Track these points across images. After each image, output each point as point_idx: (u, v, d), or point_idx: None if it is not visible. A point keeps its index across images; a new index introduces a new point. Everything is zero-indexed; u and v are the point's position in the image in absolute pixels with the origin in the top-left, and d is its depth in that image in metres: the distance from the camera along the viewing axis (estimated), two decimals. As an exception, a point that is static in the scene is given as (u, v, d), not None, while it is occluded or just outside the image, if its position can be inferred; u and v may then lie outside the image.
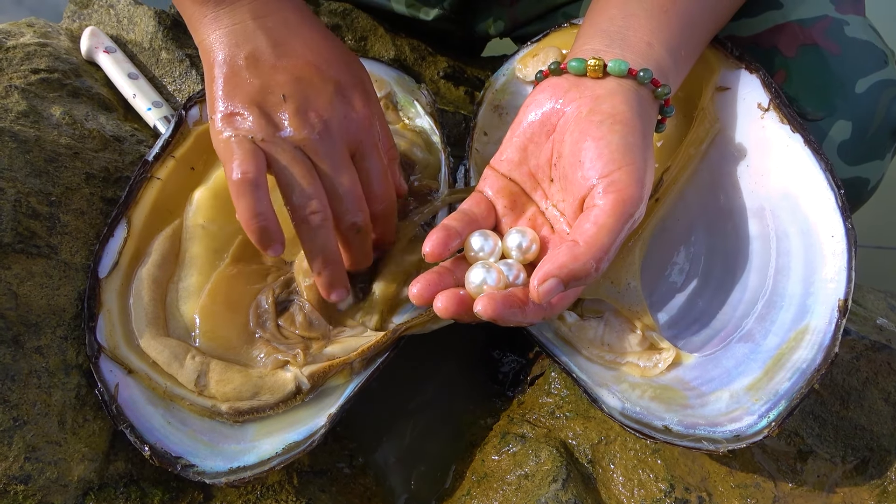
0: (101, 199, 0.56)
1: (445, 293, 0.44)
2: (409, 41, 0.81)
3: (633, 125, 0.44)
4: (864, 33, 0.57)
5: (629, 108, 0.44)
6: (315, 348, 0.52)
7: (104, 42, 0.69)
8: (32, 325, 0.48)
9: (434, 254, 0.45)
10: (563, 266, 0.40)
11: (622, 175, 0.42)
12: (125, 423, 0.47)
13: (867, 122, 0.56)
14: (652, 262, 0.54)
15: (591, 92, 0.45)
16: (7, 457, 0.43)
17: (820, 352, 0.45)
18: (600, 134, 0.43)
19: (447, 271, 0.46)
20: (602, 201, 0.42)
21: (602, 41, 0.47)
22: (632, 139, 0.43)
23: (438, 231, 0.46)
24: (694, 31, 0.50)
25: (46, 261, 0.50)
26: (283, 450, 0.48)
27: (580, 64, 0.46)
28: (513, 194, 0.49)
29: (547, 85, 0.48)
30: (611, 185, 0.42)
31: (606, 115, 0.44)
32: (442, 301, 0.43)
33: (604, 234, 0.41)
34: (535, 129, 0.47)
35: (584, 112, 0.45)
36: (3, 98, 0.57)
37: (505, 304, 0.42)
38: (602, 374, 0.49)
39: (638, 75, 0.45)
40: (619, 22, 0.48)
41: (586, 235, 0.41)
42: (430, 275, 0.45)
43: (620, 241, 0.42)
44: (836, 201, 0.47)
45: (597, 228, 0.41)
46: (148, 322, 0.51)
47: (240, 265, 0.55)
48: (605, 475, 0.51)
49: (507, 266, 0.46)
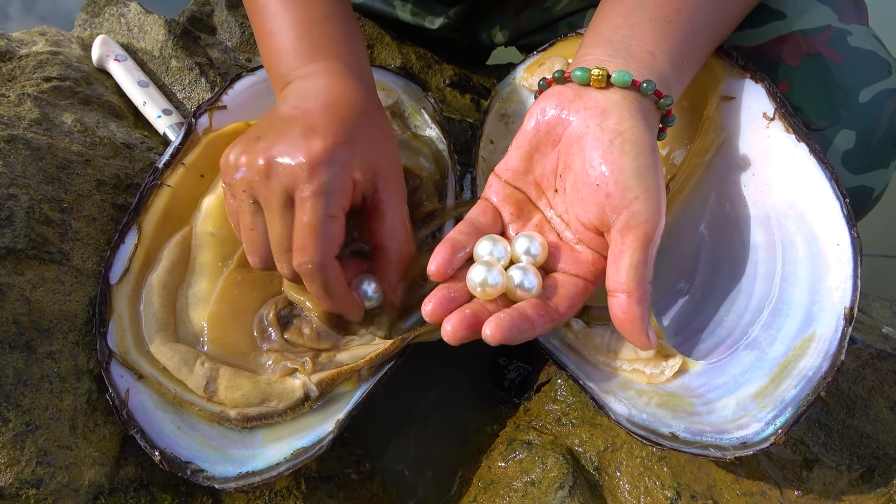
0: (111, 205, 0.56)
1: (453, 317, 0.43)
2: (416, 49, 0.81)
3: (642, 142, 0.44)
4: (867, 43, 0.57)
5: (635, 122, 0.45)
6: (324, 356, 0.52)
7: (115, 50, 0.69)
8: (45, 331, 0.48)
9: (439, 272, 0.46)
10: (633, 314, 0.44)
11: (640, 206, 0.43)
12: (135, 427, 0.47)
13: (871, 132, 0.56)
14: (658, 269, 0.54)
15: (595, 103, 0.46)
16: (19, 461, 0.43)
17: (826, 359, 0.45)
18: (612, 157, 0.44)
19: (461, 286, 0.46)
20: (629, 239, 0.43)
21: (605, 50, 0.47)
22: (642, 159, 0.44)
23: (443, 247, 0.46)
24: (696, 42, 0.50)
25: (58, 267, 0.51)
26: (291, 455, 0.48)
27: (584, 73, 0.46)
28: (518, 202, 0.49)
29: (551, 94, 0.48)
30: (633, 217, 0.43)
31: (615, 134, 0.44)
32: (451, 325, 0.43)
33: (641, 270, 0.44)
34: (541, 139, 0.48)
35: (590, 126, 0.45)
36: (17, 106, 0.58)
37: (513, 326, 0.42)
38: (609, 381, 0.49)
39: (641, 87, 0.46)
40: (623, 31, 0.48)
41: (629, 283, 0.44)
42: (442, 290, 0.45)
43: (652, 263, 0.44)
44: (841, 210, 0.47)
45: (635, 271, 0.43)
46: (158, 328, 0.51)
47: (245, 271, 0.55)
48: (611, 482, 0.51)
49: (521, 270, 0.46)
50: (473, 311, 0.44)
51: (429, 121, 0.64)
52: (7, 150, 0.53)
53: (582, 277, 0.47)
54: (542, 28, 0.76)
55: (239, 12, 0.78)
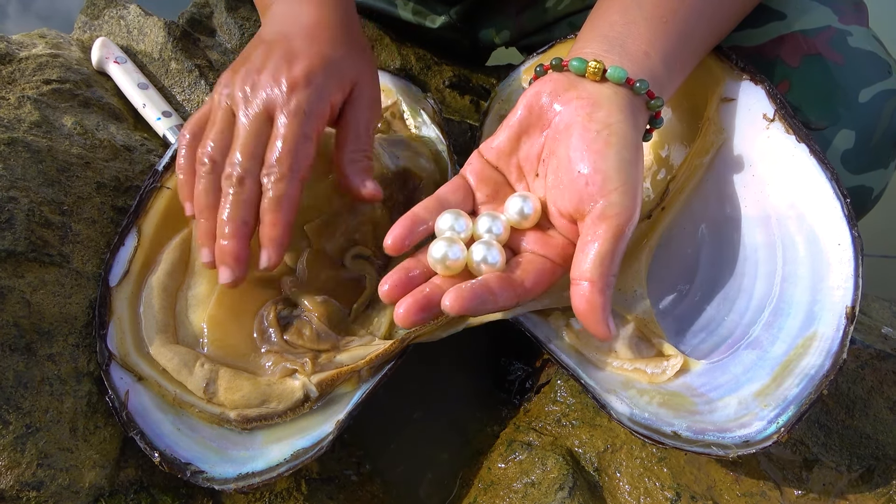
0: (111, 207, 0.56)
1: (407, 298, 0.42)
2: (415, 50, 0.82)
3: (627, 138, 0.45)
4: (867, 44, 0.57)
5: (623, 117, 0.45)
6: (323, 357, 0.52)
7: (115, 53, 0.69)
8: (45, 333, 0.48)
9: (395, 246, 0.45)
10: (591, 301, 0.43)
11: (618, 197, 0.43)
12: (135, 429, 0.47)
13: (870, 132, 0.56)
14: (659, 269, 0.54)
15: (587, 94, 0.46)
16: (20, 463, 0.43)
17: (828, 358, 0.45)
18: (597, 147, 0.44)
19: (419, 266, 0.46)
20: (602, 228, 0.43)
21: (601, 45, 0.48)
22: (625, 154, 0.44)
23: (402, 220, 0.46)
24: (690, 44, 0.50)
25: (59, 269, 0.51)
26: (291, 456, 0.48)
27: (581, 64, 0.46)
28: (496, 184, 0.49)
29: (548, 79, 0.48)
30: (609, 207, 0.43)
31: (603, 125, 0.45)
32: (403, 308, 0.42)
33: (607, 261, 0.43)
34: (532, 122, 0.48)
35: (580, 116, 0.45)
36: (17, 108, 0.58)
37: (474, 296, 0.41)
38: (610, 381, 0.49)
39: (634, 85, 0.46)
40: (620, 28, 0.49)
41: (593, 271, 0.43)
42: (400, 271, 0.45)
43: (620, 258, 0.44)
44: (842, 210, 0.47)
45: (601, 261, 0.43)
46: (158, 330, 0.51)
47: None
48: (611, 483, 0.51)
49: (485, 245, 0.44)
50: (430, 293, 0.43)
51: (428, 122, 0.64)
52: (7, 153, 0.53)
53: (550, 259, 0.47)
54: (543, 28, 0.76)
55: (238, 14, 0.78)
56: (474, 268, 0.45)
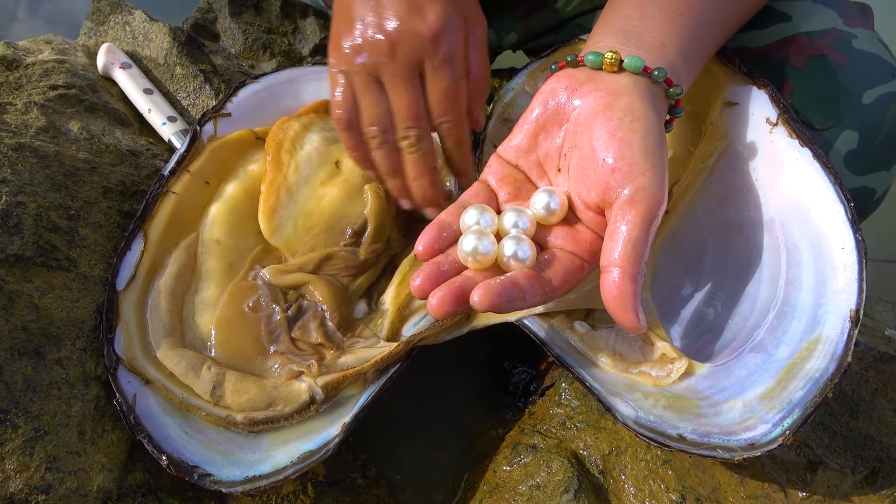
0: (118, 212, 0.57)
1: (440, 289, 0.42)
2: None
3: (651, 122, 0.44)
4: (872, 46, 0.58)
5: (645, 104, 0.45)
6: (329, 359, 0.52)
7: (120, 58, 0.70)
8: (53, 337, 0.48)
9: (426, 252, 0.45)
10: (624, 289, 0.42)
11: (646, 181, 0.43)
12: (143, 433, 0.47)
13: (874, 133, 0.57)
14: (663, 273, 0.55)
15: (606, 85, 0.45)
16: (29, 467, 0.44)
17: (833, 361, 0.45)
18: (621, 134, 0.43)
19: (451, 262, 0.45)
20: (631, 214, 0.42)
21: (617, 39, 0.48)
22: (651, 139, 0.44)
23: (430, 227, 0.46)
24: (704, 36, 0.50)
25: (66, 274, 0.51)
26: (297, 459, 0.48)
27: (597, 57, 0.46)
28: (517, 182, 0.49)
29: (563, 75, 0.48)
30: (638, 192, 0.42)
31: (625, 112, 0.44)
32: (437, 298, 0.41)
33: (639, 247, 0.42)
34: (549, 118, 0.47)
35: (600, 106, 0.45)
36: (24, 114, 0.58)
37: (503, 293, 0.41)
38: (615, 383, 0.49)
39: (653, 74, 0.46)
40: (635, 22, 0.48)
41: (625, 258, 0.42)
42: (431, 265, 0.44)
43: (650, 244, 0.43)
44: (845, 214, 0.47)
45: (633, 247, 0.42)
46: (165, 333, 0.52)
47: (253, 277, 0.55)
48: (616, 486, 0.51)
49: (515, 240, 0.44)
50: (461, 284, 0.42)
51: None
52: (15, 158, 0.53)
53: (578, 255, 0.46)
54: (552, 29, 0.76)
55: (242, 19, 0.78)
56: (504, 263, 0.44)
